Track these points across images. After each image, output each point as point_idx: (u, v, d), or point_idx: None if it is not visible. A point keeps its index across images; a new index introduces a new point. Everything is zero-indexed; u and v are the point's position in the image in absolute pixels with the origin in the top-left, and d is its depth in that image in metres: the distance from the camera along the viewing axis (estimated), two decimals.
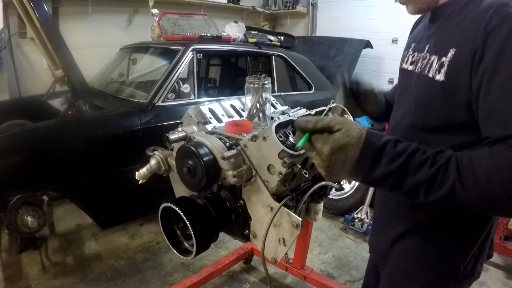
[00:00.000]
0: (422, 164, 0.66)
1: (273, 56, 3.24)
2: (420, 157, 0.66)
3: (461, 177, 0.64)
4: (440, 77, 0.76)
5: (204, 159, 1.05)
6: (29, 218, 2.04)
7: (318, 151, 0.68)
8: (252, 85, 1.24)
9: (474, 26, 0.71)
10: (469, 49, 0.70)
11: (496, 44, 0.66)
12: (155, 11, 3.14)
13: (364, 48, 3.97)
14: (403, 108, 0.92)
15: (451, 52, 0.74)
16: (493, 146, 0.67)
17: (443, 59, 0.76)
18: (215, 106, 1.33)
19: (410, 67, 0.90)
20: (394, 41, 4.17)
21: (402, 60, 0.97)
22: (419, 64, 0.86)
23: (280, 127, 1.14)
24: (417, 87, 0.85)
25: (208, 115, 1.28)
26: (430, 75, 0.79)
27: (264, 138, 1.02)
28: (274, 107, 1.47)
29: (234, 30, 3.29)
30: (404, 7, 0.89)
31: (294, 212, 1.07)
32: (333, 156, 0.66)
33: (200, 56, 2.72)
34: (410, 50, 0.94)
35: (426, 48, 0.85)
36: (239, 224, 1.17)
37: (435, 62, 0.78)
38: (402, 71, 0.96)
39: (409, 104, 0.87)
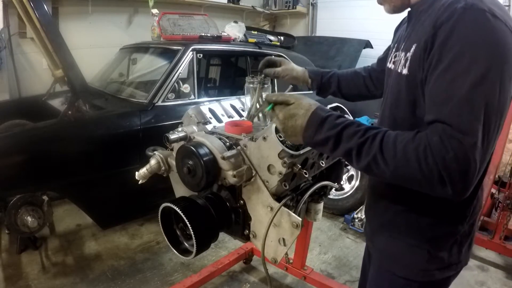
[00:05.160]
0: (354, 134, 0.77)
1: (273, 56, 3.23)
2: (354, 129, 0.77)
3: (383, 149, 0.73)
4: (405, 71, 0.82)
5: (204, 159, 1.05)
6: (29, 218, 2.04)
7: (276, 116, 0.87)
8: (252, 85, 1.24)
9: (430, 22, 0.76)
10: (423, 44, 0.76)
11: (441, 37, 0.71)
12: (155, 11, 3.14)
13: (364, 48, 3.97)
14: (385, 104, 0.98)
15: (413, 47, 0.80)
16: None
17: (408, 54, 0.82)
18: (215, 106, 1.33)
19: (391, 66, 0.95)
20: None
21: (386, 60, 1.02)
22: (396, 63, 0.91)
23: None
24: (391, 82, 0.92)
25: (208, 115, 1.28)
26: (399, 70, 0.86)
27: (264, 138, 1.02)
28: None
29: (234, 30, 3.29)
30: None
31: (294, 212, 1.07)
32: (286, 120, 0.85)
33: (200, 56, 2.72)
34: (393, 50, 0.99)
35: (401, 47, 0.90)
36: (239, 224, 1.17)
37: (403, 58, 0.85)
38: (386, 70, 1.02)
39: (388, 99, 0.94)
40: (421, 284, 0.94)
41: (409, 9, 0.93)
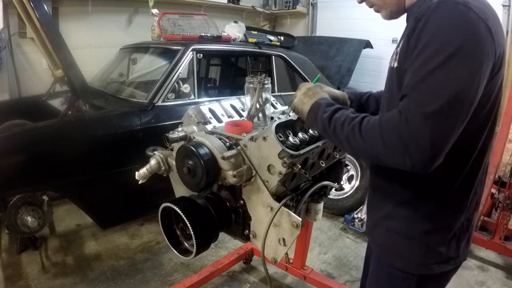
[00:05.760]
0: (347, 111, 0.90)
1: (273, 56, 3.23)
2: (349, 110, 0.90)
3: (361, 125, 0.83)
4: (395, 64, 0.89)
5: (204, 159, 1.05)
6: (29, 218, 2.04)
7: (305, 84, 1.10)
8: (251, 85, 1.24)
9: (415, 18, 0.82)
10: (406, 37, 0.83)
11: (419, 28, 0.78)
12: (155, 11, 3.14)
13: (364, 48, 3.96)
14: (383, 103, 1.01)
15: (402, 41, 0.87)
16: None
17: (398, 49, 0.89)
18: (215, 106, 1.34)
19: (389, 66, 0.99)
20: (394, 41, 4.16)
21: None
22: (391, 61, 0.95)
23: (280, 127, 1.14)
24: (387, 79, 0.98)
25: (208, 115, 1.28)
26: (392, 65, 0.92)
27: (264, 138, 1.02)
28: (274, 107, 1.47)
29: (234, 30, 3.29)
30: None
31: (294, 212, 1.07)
32: (313, 88, 1.06)
33: (200, 56, 2.71)
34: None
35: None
36: (239, 224, 1.18)
37: (394, 53, 0.91)
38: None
39: (386, 96, 0.99)
40: (419, 277, 0.95)
41: (406, 14, 0.96)
